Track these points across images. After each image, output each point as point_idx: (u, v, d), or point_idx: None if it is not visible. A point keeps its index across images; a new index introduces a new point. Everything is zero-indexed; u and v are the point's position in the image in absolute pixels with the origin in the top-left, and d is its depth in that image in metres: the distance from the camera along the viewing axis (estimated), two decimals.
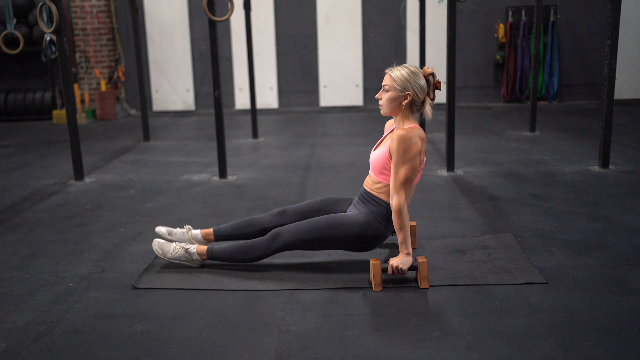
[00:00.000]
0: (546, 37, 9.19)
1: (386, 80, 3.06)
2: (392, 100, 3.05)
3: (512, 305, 2.78)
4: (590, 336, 2.49)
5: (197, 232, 3.49)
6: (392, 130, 3.18)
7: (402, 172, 2.96)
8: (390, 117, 3.23)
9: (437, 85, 3.08)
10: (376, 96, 3.13)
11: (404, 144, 2.93)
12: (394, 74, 3.03)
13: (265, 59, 9.63)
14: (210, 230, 3.47)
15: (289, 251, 3.24)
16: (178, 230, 3.52)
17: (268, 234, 3.17)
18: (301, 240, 3.11)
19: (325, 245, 3.14)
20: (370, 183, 3.16)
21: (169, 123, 8.88)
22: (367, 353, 2.43)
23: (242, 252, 3.21)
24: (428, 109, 3.07)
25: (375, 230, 3.10)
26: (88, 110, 9.37)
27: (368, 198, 3.14)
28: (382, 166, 3.07)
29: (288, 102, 9.87)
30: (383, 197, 3.09)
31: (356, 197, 3.26)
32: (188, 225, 3.59)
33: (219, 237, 3.46)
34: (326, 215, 3.14)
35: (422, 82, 3.03)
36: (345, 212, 3.25)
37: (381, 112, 3.12)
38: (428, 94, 3.07)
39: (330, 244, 3.14)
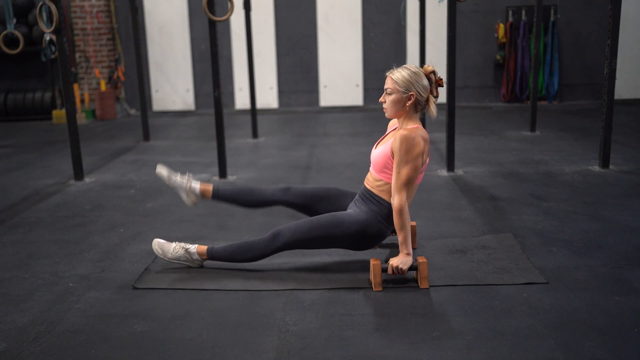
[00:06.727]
0: (546, 37, 9.20)
1: (388, 83, 3.05)
2: (396, 102, 3.04)
3: (512, 305, 2.78)
4: (590, 336, 2.49)
5: (197, 186, 3.47)
6: (395, 128, 3.18)
7: (404, 172, 2.95)
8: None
9: (439, 83, 3.07)
10: (380, 100, 3.12)
11: (407, 144, 2.93)
12: (395, 76, 3.03)
13: (265, 59, 9.63)
14: (210, 187, 3.46)
15: (288, 251, 3.24)
16: (178, 177, 3.48)
17: (268, 234, 3.17)
18: (301, 239, 3.10)
19: (326, 243, 3.14)
20: (372, 181, 3.15)
21: (169, 123, 8.88)
22: (367, 353, 2.43)
23: (242, 252, 3.20)
24: (433, 107, 3.06)
25: (376, 229, 3.09)
26: (88, 110, 9.37)
27: (369, 196, 3.14)
28: (383, 165, 3.07)
29: (288, 102, 9.88)
30: (384, 195, 3.08)
31: (357, 195, 3.26)
32: (190, 174, 3.54)
33: (217, 196, 3.46)
34: (326, 214, 3.14)
35: (424, 81, 3.03)
36: (347, 209, 3.25)
37: (386, 115, 3.12)
38: (431, 92, 3.06)
39: (331, 243, 3.13)
